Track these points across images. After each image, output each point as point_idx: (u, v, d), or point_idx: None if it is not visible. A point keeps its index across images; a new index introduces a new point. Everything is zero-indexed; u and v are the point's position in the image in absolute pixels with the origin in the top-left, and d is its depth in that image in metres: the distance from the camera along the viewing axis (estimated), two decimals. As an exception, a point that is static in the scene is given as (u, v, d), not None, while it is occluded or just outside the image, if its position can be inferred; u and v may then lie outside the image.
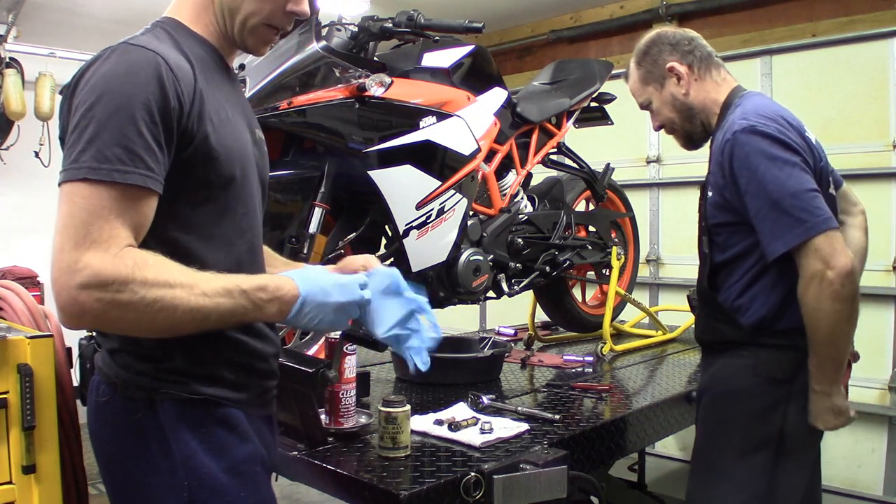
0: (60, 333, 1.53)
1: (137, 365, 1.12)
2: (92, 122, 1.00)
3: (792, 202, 1.53)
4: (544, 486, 1.42)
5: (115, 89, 1.02)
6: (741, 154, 1.59)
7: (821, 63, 3.65)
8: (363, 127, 1.89)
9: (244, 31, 1.21)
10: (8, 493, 1.38)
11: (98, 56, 1.07)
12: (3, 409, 1.37)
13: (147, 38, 1.12)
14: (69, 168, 1.00)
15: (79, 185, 0.99)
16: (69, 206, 0.99)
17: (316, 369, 1.51)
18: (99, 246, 0.98)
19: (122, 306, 0.99)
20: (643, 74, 1.84)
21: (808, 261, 1.53)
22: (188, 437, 1.12)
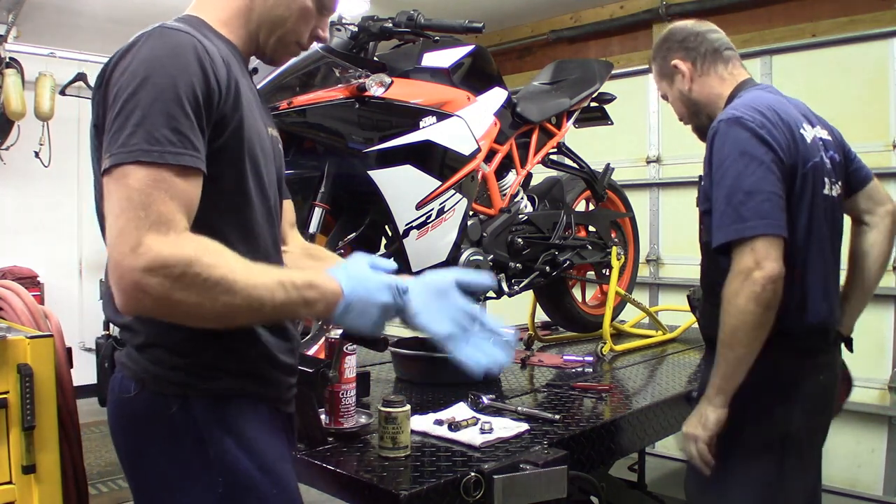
0: (60, 333, 1.54)
1: (170, 360, 1.11)
2: (138, 106, 1.00)
3: (742, 199, 1.53)
4: (544, 486, 1.42)
5: (158, 71, 1.02)
6: (718, 143, 1.61)
7: (821, 63, 3.66)
8: (363, 127, 1.89)
9: (279, 45, 1.27)
10: (8, 493, 1.38)
11: (133, 42, 1.07)
12: (3, 409, 1.37)
13: (181, 23, 1.12)
14: (119, 152, 0.98)
15: (132, 168, 0.98)
16: (124, 190, 0.97)
17: (316, 369, 1.51)
18: (160, 228, 0.97)
19: (185, 288, 0.97)
20: (657, 70, 1.89)
21: (741, 257, 1.52)
22: (221, 433, 1.12)
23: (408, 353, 2.25)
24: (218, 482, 1.10)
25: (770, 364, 1.60)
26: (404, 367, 2.28)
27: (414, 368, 2.23)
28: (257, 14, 1.23)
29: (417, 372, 2.22)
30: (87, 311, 5.71)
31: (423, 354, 2.25)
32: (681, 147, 4.21)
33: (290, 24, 1.24)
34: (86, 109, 4.68)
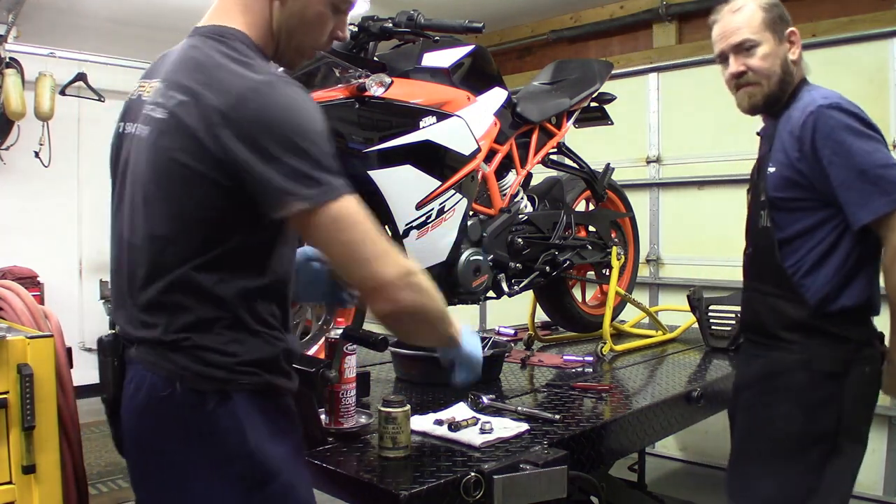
0: (60, 333, 1.53)
1: (213, 358, 1.16)
2: (311, 146, 1.11)
3: (880, 172, 1.56)
4: (544, 486, 1.42)
5: (309, 116, 1.14)
6: (825, 127, 1.61)
7: (821, 63, 3.65)
8: (363, 127, 1.89)
9: (297, 52, 1.31)
10: (8, 493, 1.38)
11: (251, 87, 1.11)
12: (3, 409, 1.37)
13: (271, 67, 1.22)
14: (325, 189, 1.11)
15: (345, 201, 1.13)
16: (348, 224, 1.13)
17: (316, 369, 1.51)
18: (390, 249, 1.18)
19: (424, 292, 1.22)
20: (769, 19, 1.75)
21: (893, 233, 1.56)
22: (261, 425, 1.18)
23: (408, 353, 2.25)
24: (247, 474, 1.16)
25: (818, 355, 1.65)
26: (404, 367, 2.28)
27: (414, 368, 2.23)
28: (277, 22, 1.26)
29: (417, 372, 2.22)
30: (87, 311, 5.71)
31: (423, 354, 2.25)
32: (681, 147, 4.21)
33: (306, 32, 1.28)
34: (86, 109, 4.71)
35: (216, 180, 1.11)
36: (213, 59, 1.16)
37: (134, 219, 1.21)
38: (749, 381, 1.79)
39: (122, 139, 1.29)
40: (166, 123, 1.15)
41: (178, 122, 1.13)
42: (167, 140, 1.15)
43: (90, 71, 5.26)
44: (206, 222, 1.14)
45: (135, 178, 1.22)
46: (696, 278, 3.89)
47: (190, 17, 1.33)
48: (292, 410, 1.27)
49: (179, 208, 1.15)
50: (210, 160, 1.11)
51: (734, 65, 1.77)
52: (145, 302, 1.19)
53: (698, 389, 2.17)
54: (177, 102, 1.14)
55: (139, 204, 1.20)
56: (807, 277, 1.67)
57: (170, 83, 1.18)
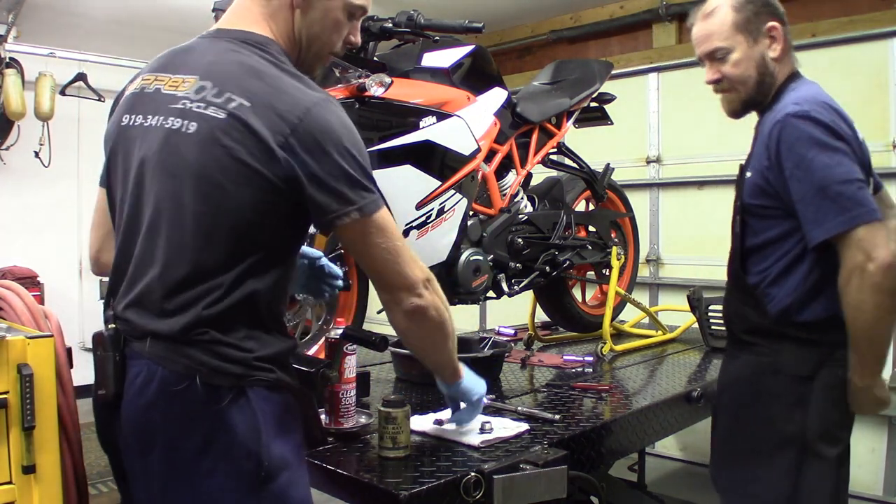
0: (60, 333, 1.53)
1: (231, 353, 1.18)
2: (356, 161, 1.21)
3: (838, 189, 1.51)
4: (544, 486, 1.42)
5: (356, 134, 1.25)
6: (790, 138, 1.56)
7: (821, 63, 3.65)
8: (363, 127, 1.89)
9: (315, 58, 1.36)
10: (8, 493, 1.38)
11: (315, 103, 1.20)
12: (3, 409, 1.37)
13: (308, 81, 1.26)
14: (374, 199, 1.24)
15: (384, 211, 1.26)
16: (389, 232, 1.26)
17: (316, 369, 1.51)
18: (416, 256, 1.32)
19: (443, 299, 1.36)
20: (740, 20, 1.69)
21: (849, 252, 1.51)
22: (272, 422, 1.20)
23: (408, 353, 2.24)
24: (255, 469, 1.18)
25: (786, 359, 1.62)
26: (404, 367, 2.28)
27: (414, 368, 2.23)
28: (298, 30, 1.31)
29: (417, 372, 2.22)
30: (87, 311, 5.70)
31: (423, 354, 2.25)
32: (681, 147, 4.21)
33: (325, 38, 1.34)
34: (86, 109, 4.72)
35: (274, 184, 1.17)
36: (270, 70, 1.22)
37: (160, 211, 1.21)
38: (727, 382, 1.78)
39: (126, 132, 1.28)
40: (227, 124, 1.17)
41: (243, 124, 1.16)
42: (229, 140, 1.17)
43: (90, 71, 5.26)
44: (247, 222, 1.18)
45: (173, 172, 1.20)
46: (696, 278, 3.89)
47: (190, 17, 1.34)
48: (297, 407, 1.29)
49: (226, 205, 1.17)
50: (274, 164, 1.16)
51: (709, 73, 1.75)
52: (164, 294, 1.19)
53: (698, 389, 2.17)
54: (237, 105, 1.17)
55: (171, 197, 1.20)
56: (772, 287, 1.65)
57: (222, 84, 1.20)
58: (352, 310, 2.11)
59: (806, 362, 1.61)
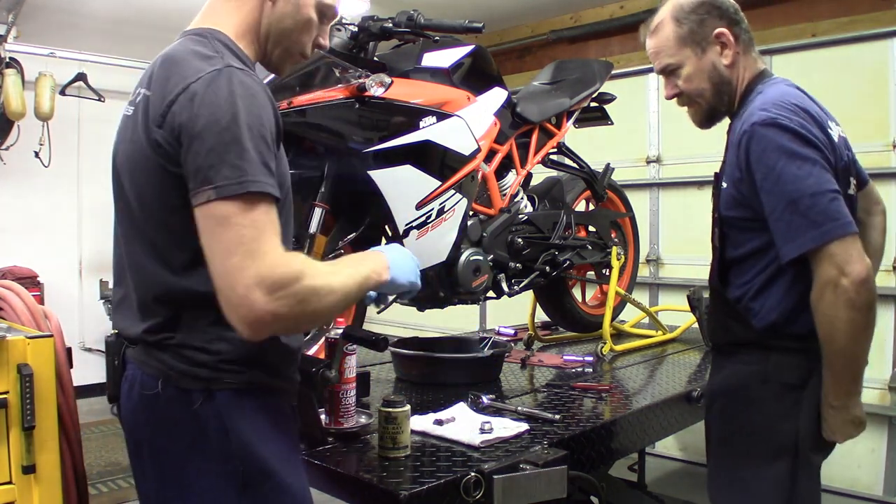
0: (60, 333, 1.53)
1: (197, 356, 1.17)
2: (233, 142, 1.07)
3: (809, 202, 1.45)
4: (544, 486, 1.42)
5: (244, 110, 1.10)
6: (758, 149, 1.50)
7: (821, 63, 3.66)
8: (363, 127, 1.89)
9: (284, 55, 1.33)
10: (8, 493, 1.38)
11: (197, 77, 1.11)
12: (3, 409, 1.37)
13: (231, 58, 1.18)
14: (226, 184, 1.06)
15: (241, 201, 1.07)
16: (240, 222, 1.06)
17: (316, 369, 1.51)
18: (268, 255, 1.07)
19: (302, 302, 1.09)
20: (684, 34, 1.64)
21: (822, 267, 1.45)
22: (243, 424, 1.18)
23: (408, 353, 2.25)
24: (239, 472, 1.17)
25: (775, 368, 1.58)
26: (404, 367, 2.28)
27: (414, 368, 2.23)
28: (266, 27, 1.28)
29: (417, 372, 2.22)
30: (87, 311, 5.71)
31: (423, 354, 2.26)
32: (681, 147, 4.21)
33: (295, 36, 1.31)
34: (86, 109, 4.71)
35: (167, 169, 1.12)
36: (182, 55, 1.18)
37: (122, 220, 1.27)
38: (717, 390, 1.73)
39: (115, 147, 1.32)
40: (132, 119, 1.20)
41: (140, 115, 1.17)
42: (130, 133, 1.20)
43: (90, 71, 5.26)
44: (171, 216, 1.15)
45: (116, 176, 1.27)
46: (696, 278, 3.88)
47: (190, 17, 1.33)
48: (284, 408, 1.27)
49: (148, 202, 1.18)
50: (159, 149, 1.12)
51: (666, 89, 1.73)
52: (137, 301, 1.22)
53: (698, 389, 2.17)
54: (141, 97, 1.19)
55: (124, 204, 1.25)
56: (755, 301, 1.60)
57: (141, 83, 1.23)
58: (352, 310, 2.11)
59: (796, 371, 1.57)
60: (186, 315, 1.18)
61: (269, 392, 1.24)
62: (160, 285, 1.18)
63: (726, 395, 1.68)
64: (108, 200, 1.34)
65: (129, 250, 1.23)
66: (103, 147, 1.40)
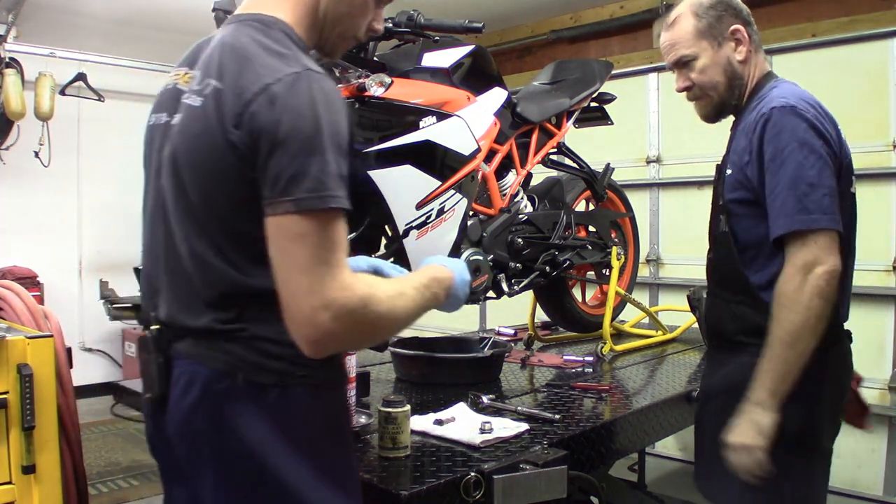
0: (60, 333, 1.54)
1: (272, 348, 1.13)
2: (316, 153, 1.05)
3: (806, 190, 1.50)
4: (544, 486, 1.42)
5: (326, 118, 1.07)
6: (773, 130, 1.55)
7: (821, 63, 3.66)
8: (363, 127, 1.89)
9: (339, 40, 1.31)
10: (8, 493, 1.38)
11: (276, 79, 1.08)
12: (3, 409, 1.37)
13: (306, 59, 1.15)
14: (307, 198, 1.04)
15: (319, 216, 1.05)
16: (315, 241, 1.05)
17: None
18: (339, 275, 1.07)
19: (366, 326, 1.10)
20: (702, 27, 1.70)
21: (801, 251, 1.50)
22: (316, 418, 1.17)
23: (408, 353, 2.25)
24: (309, 464, 1.14)
25: None
26: (404, 367, 2.28)
27: (414, 368, 2.24)
28: (323, 10, 1.25)
29: (417, 372, 2.22)
30: (87, 311, 5.71)
31: (423, 354, 2.26)
32: (681, 147, 4.21)
33: (351, 19, 1.28)
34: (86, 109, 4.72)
35: (242, 172, 1.09)
36: (251, 47, 1.14)
37: (178, 209, 1.18)
38: (718, 388, 1.72)
39: (153, 131, 1.26)
40: (200, 111, 1.13)
41: (210, 109, 1.11)
42: (199, 127, 1.13)
43: (90, 71, 5.27)
44: (239, 217, 1.12)
45: (174, 167, 1.17)
46: (696, 278, 3.88)
47: (190, 17, 1.34)
48: (346, 405, 1.28)
49: (215, 201, 1.13)
50: (236, 151, 1.09)
51: (678, 81, 1.77)
52: (200, 293, 1.16)
53: (698, 389, 2.16)
54: (212, 89, 1.13)
55: (183, 195, 1.17)
56: (766, 290, 1.60)
57: (206, 71, 1.16)
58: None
59: (811, 363, 1.55)
60: (255, 307, 1.13)
61: (336, 386, 1.23)
62: (226, 281, 1.14)
63: (728, 393, 1.66)
64: (109, 200, 1.33)
65: (190, 244, 1.16)
66: (103, 147, 1.40)
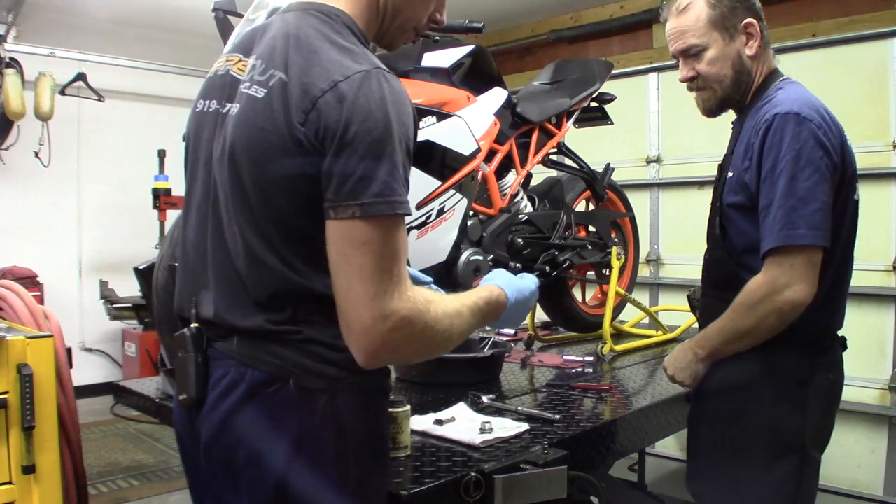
0: (60, 333, 1.54)
1: (326, 353, 1.10)
2: (386, 156, 1.02)
3: (796, 205, 1.48)
4: (544, 486, 1.42)
5: (396, 120, 1.04)
6: (774, 138, 1.52)
7: (821, 63, 3.66)
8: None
9: (399, 31, 1.28)
10: (8, 493, 1.38)
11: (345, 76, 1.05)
12: (3, 409, 1.37)
13: (373, 57, 1.12)
14: (374, 202, 1.01)
15: (385, 222, 1.03)
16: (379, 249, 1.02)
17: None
18: (400, 286, 1.04)
19: (423, 341, 1.09)
20: (716, 17, 1.64)
21: (778, 268, 1.50)
22: (362, 427, 1.15)
23: (408, 353, 2.24)
24: (353, 473, 1.13)
25: (780, 365, 1.59)
26: (404, 366, 2.28)
27: (414, 368, 2.23)
28: (383, 2, 1.22)
29: (417, 372, 2.22)
30: (87, 311, 5.71)
31: (423, 354, 2.25)
32: (681, 147, 4.21)
33: (412, 9, 1.26)
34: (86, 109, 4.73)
35: (303, 166, 1.05)
36: (316, 41, 1.10)
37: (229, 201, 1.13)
38: (713, 389, 1.71)
39: (202, 118, 1.22)
40: (264, 102, 1.08)
41: (275, 101, 1.07)
42: (262, 119, 1.08)
43: (90, 71, 5.27)
44: (298, 216, 1.08)
45: (232, 159, 1.12)
46: (696, 278, 3.85)
47: (190, 17, 1.34)
48: (388, 411, 1.27)
49: (273, 197, 1.08)
50: (301, 148, 1.05)
51: (683, 70, 1.71)
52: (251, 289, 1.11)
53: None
54: (277, 80, 1.08)
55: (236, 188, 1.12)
56: None
57: (269, 61, 1.11)
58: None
59: (803, 367, 1.59)
60: (308, 309, 1.10)
61: (381, 393, 1.21)
62: (280, 282, 1.09)
63: (722, 395, 1.68)
64: (109, 200, 1.33)
65: (244, 240, 1.11)
66: (103, 147, 1.39)
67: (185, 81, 5.33)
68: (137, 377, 4.16)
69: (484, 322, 1.27)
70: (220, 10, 1.91)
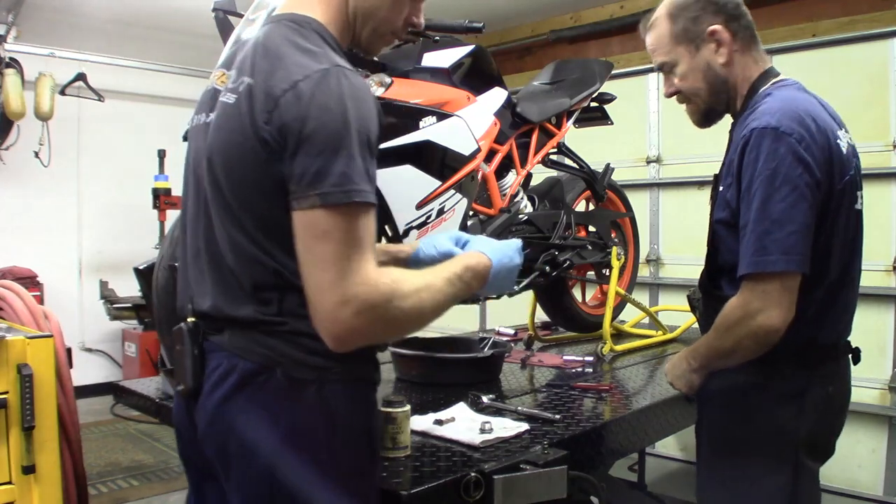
0: (60, 333, 1.54)
1: (313, 344, 1.13)
2: (342, 148, 1.06)
3: (769, 228, 1.43)
4: (544, 486, 1.42)
5: (353, 114, 1.09)
6: (750, 156, 1.47)
7: (821, 63, 3.66)
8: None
9: (374, 36, 1.30)
10: (8, 493, 1.38)
11: (305, 76, 1.09)
12: (3, 409, 1.38)
13: (336, 56, 1.16)
14: (332, 192, 1.05)
15: (344, 210, 1.06)
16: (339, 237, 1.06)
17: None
18: (361, 271, 1.07)
19: (390, 321, 1.11)
20: (677, 31, 1.60)
21: (751, 293, 1.47)
22: (349, 417, 1.18)
23: (407, 353, 2.25)
24: (341, 462, 1.16)
25: (774, 377, 1.57)
26: (404, 367, 2.28)
27: (414, 368, 2.23)
28: (352, 7, 1.25)
29: (417, 372, 2.22)
30: (87, 311, 5.71)
31: (422, 354, 2.25)
32: (681, 147, 4.21)
33: (383, 14, 1.28)
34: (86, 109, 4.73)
35: (270, 163, 1.10)
36: (282, 46, 1.15)
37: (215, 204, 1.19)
38: (710, 396, 1.71)
39: (195, 131, 1.29)
40: (234, 107, 1.15)
41: (243, 105, 1.13)
42: (233, 123, 1.15)
43: (90, 71, 5.27)
44: (273, 213, 1.12)
45: (209, 162, 1.19)
46: (696, 278, 3.86)
47: (190, 17, 1.34)
48: (375, 404, 1.28)
49: (248, 197, 1.14)
50: (267, 146, 1.10)
51: (665, 86, 1.71)
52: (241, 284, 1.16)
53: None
54: (245, 86, 1.14)
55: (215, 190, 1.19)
56: None
57: (240, 69, 1.18)
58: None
59: (796, 379, 1.56)
60: (293, 301, 1.14)
61: (370, 384, 1.24)
62: (264, 270, 1.15)
63: (719, 404, 1.68)
64: (109, 200, 1.35)
65: (228, 235, 1.17)
66: (103, 147, 1.40)
67: (185, 81, 5.35)
68: (137, 377, 4.16)
69: (469, 289, 1.28)
70: (220, 10, 1.91)
